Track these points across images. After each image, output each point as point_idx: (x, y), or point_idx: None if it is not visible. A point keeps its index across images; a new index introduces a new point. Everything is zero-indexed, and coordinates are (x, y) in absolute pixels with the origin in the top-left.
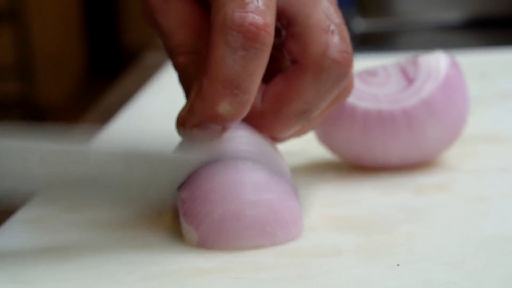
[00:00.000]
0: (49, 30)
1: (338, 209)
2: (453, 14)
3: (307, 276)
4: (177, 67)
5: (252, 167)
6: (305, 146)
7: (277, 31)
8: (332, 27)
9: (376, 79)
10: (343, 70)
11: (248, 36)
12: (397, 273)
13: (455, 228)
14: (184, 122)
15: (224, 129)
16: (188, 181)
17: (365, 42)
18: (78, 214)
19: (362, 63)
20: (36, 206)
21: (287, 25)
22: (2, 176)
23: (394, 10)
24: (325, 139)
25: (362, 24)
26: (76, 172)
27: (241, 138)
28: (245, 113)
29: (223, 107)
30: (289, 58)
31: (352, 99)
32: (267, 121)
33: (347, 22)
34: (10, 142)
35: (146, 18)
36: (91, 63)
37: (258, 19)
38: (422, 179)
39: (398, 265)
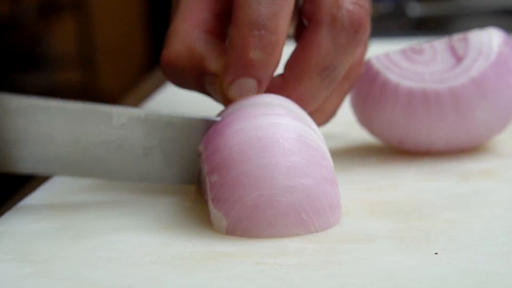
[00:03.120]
0: (111, 20)
1: (376, 194)
2: None
3: (335, 263)
4: None
5: (287, 149)
6: (345, 129)
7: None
8: None
9: (421, 57)
10: (357, 20)
11: None
12: (434, 262)
13: (501, 216)
14: (220, 83)
15: (260, 84)
16: (219, 163)
17: (421, 26)
18: (97, 195)
19: None
20: (53, 186)
21: None
22: (25, 138)
23: None
24: (366, 121)
25: (417, 8)
26: (99, 135)
27: (278, 119)
28: (276, 59)
29: (254, 54)
30: (305, 22)
31: (395, 77)
32: (291, 87)
33: (403, 7)
34: (34, 102)
35: None
36: (153, 52)
37: None
38: (468, 165)
39: (436, 253)
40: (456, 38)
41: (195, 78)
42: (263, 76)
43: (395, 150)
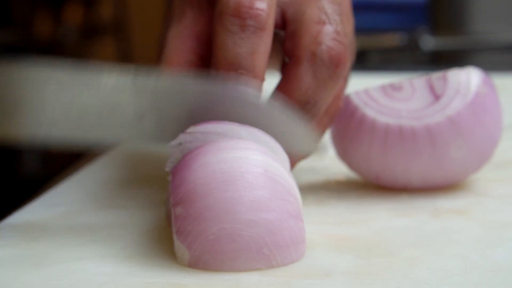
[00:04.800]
0: (150, 43)
1: (344, 229)
2: None
3: None
4: None
5: (252, 183)
6: (328, 163)
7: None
8: (324, 18)
9: (400, 94)
10: (336, 56)
11: (244, 16)
12: None
13: (464, 255)
14: None
15: None
16: (183, 196)
17: (434, 60)
18: (68, 222)
19: None
20: (27, 212)
21: (285, 26)
22: (18, 105)
23: (469, 29)
24: (345, 156)
25: (431, 42)
26: (89, 101)
27: (245, 153)
28: None
29: None
30: (287, 58)
31: (373, 114)
32: None
33: (417, 40)
34: (26, 71)
35: None
36: None
37: (252, 2)
38: (442, 202)
39: None
40: (436, 76)
41: None
42: None
43: (374, 186)
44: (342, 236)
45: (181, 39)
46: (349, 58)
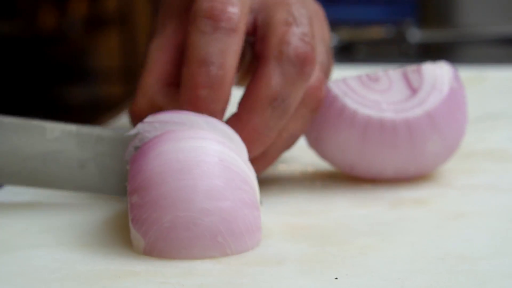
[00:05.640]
0: None
1: (303, 218)
2: None
3: (236, 284)
4: None
5: (207, 172)
6: (300, 153)
7: None
8: (291, 20)
9: (378, 85)
10: (302, 54)
11: (216, 18)
12: (331, 286)
13: (414, 243)
14: None
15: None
16: (139, 185)
17: (420, 53)
18: (32, 208)
19: None
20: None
21: (256, 32)
22: None
23: (455, 21)
24: (318, 145)
25: (418, 34)
26: (35, 148)
27: (201, 143)
28: (225, 94)
29: (203, 91)
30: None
31: (353, 104)
32: (245, 120)
33: (404, 32)
34: None
35: None
36: None
37: (225, 5)
38: (403, 193)
39: (336, 278)
40: (410, 69)
41: None
42: (214, 112)
43: (341, 176)
44: (299, 225)
45: (162, 51)
46: (316, 57)
